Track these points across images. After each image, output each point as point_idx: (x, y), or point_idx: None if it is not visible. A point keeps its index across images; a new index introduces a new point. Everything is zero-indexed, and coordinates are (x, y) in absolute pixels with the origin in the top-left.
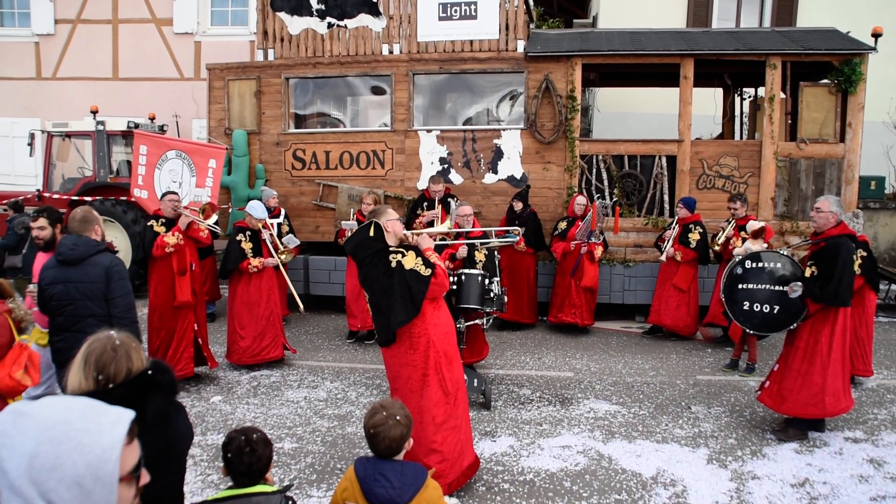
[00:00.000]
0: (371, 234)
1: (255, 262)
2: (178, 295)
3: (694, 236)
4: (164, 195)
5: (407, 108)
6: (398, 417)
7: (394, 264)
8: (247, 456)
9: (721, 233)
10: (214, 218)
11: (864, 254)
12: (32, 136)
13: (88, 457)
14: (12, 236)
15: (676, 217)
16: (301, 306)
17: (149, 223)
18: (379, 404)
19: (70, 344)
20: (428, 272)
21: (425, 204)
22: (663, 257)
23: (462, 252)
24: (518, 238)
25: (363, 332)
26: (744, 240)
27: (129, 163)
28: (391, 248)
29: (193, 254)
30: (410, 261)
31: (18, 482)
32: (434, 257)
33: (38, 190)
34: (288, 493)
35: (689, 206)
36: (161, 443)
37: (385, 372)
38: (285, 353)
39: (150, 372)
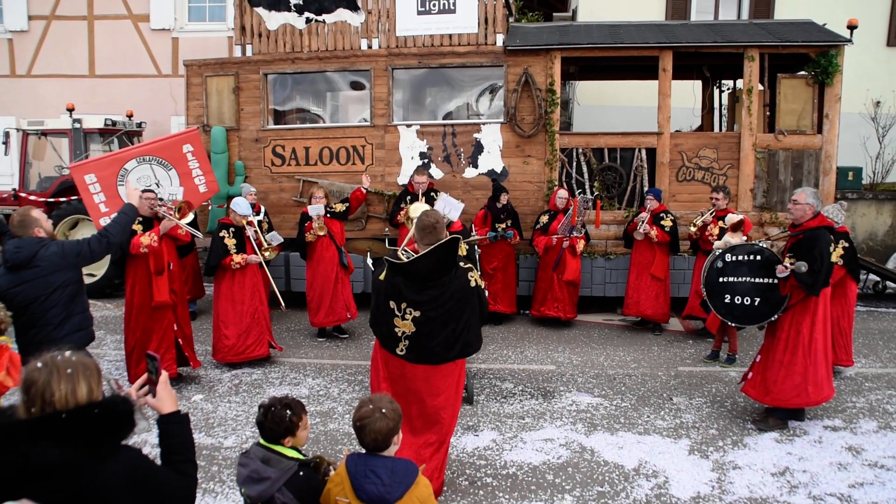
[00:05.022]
0: (454, 252)
1: (237, 258)
2: (156, 295)
3: (666, 223)
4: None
5: (386, 103)
6: (384, 411)
7: (473, 283)
8: (270, 418)
9: (699, 217)
10: (190, 217)
11: (847, 245)
12: (7, 134)
13: None
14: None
15: (647, 208)
16: (282, 304)
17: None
18: (367, 398)
19: (37, 339)
20: (482, 287)
21: (408, 198)
22: (640, 231)
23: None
24: (514, 233)
25: (330, 328)
26: (721, 229)
27: None
28: (467, 266)
29: (171, 253)
30: (476, 277)
31: None
32: None
33: (13, 189)
34: (308, 466)
35: (657, 197)
36: (62, 497)
37: (368, 369)
38: (271, 351)
39: (63, 415)
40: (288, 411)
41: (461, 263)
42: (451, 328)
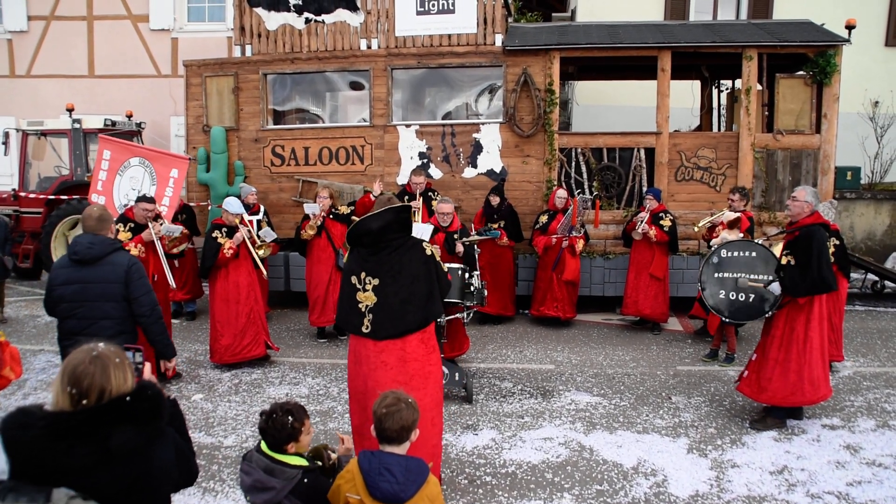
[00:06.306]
0: (405, 217)
1: (227, 244)
2: None
3: (665, 223)
4: (138, 199)
5: (386, 103)
6: (410, 400)
7: (429, 252)
8: (272, 425)
9: (707, 217)
10: (182, 248)
11: (837, 242)
12: (7, 134)
13: None
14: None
15: (646, 207)
16: (264, 272)
17: (115, 225)
18: (387, 392)
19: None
20: (445, 269)
21: (406, 198)
22: (638, 230)
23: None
24: (500, 233)
25: (329, 328)
26: None
27: None
28: (424, 240)
29: (157, 264)
30: (437, 253)
31: None
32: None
33: (13, 189)
34: (312, 472)
35: (657, 197)
36: (130, 477)
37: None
38: (268, 351)
39: (128, 398)
40: (290, 417)
41: (420, 240)
42: (408, 292)
